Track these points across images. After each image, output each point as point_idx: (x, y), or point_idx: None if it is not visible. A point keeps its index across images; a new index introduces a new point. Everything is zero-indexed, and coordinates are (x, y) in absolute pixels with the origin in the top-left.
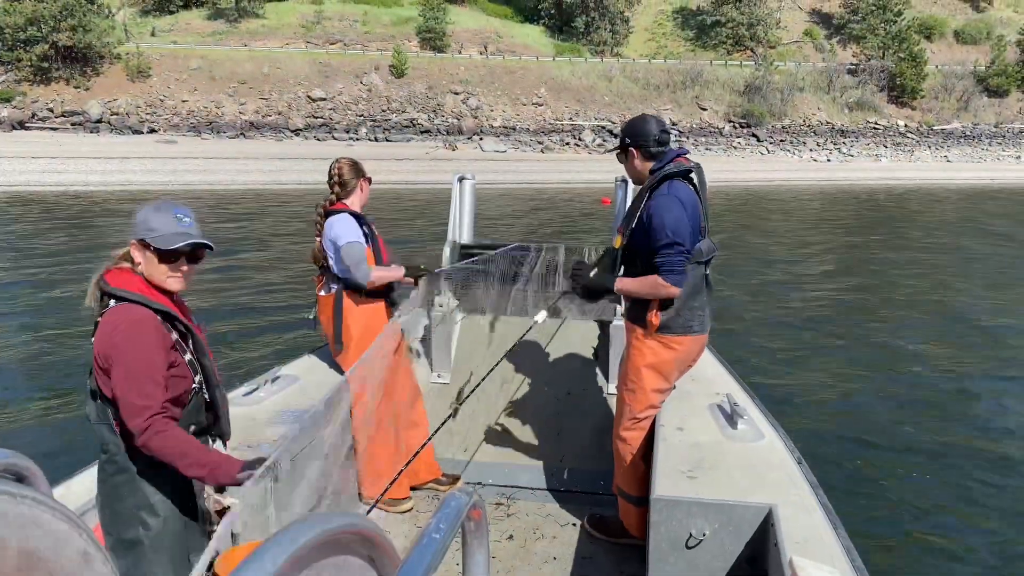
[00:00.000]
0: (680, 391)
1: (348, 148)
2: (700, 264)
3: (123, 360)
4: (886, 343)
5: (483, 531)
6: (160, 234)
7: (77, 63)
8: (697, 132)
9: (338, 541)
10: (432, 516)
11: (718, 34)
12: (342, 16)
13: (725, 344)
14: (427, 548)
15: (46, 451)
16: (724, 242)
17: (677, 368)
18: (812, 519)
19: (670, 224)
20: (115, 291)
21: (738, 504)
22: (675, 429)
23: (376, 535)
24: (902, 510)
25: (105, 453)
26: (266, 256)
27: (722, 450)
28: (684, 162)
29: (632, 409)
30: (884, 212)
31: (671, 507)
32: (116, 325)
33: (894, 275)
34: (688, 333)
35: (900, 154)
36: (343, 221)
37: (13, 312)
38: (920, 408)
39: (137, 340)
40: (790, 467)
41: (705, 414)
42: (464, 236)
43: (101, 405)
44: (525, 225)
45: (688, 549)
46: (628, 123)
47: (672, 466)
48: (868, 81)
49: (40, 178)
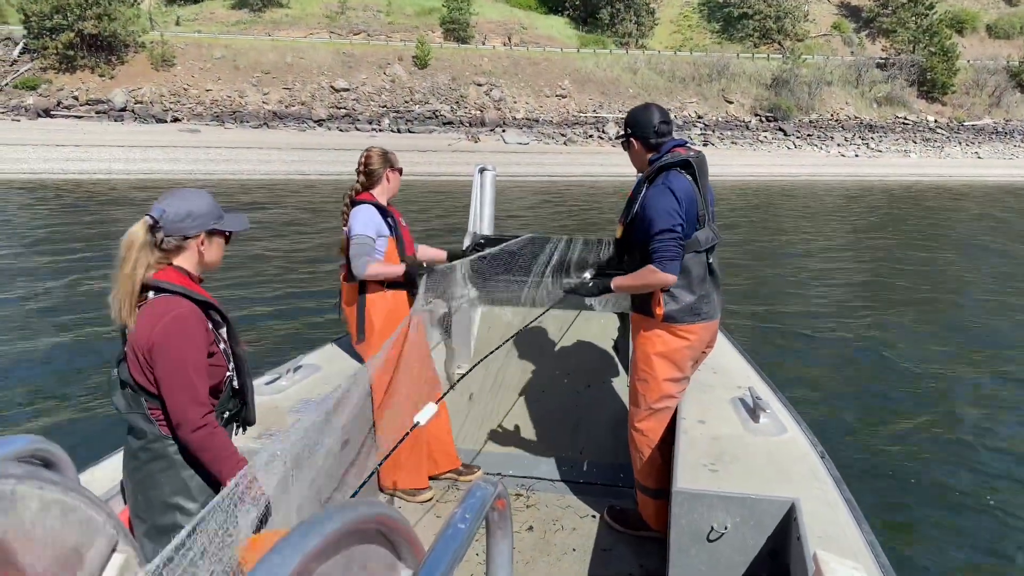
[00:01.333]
0: (701, 384)
1: (371, 139)
2: (700, 253)
3: (172, 354)
4: (913, 339)
5: (507, 522)
6: (224, 217)
7: (102, 51)
8: (723, 125)
9: (363, 530)
10: (457, 506)
11: (745, 26)
12: (366, 6)
13: (748, 337)
14: (453, 538)
15: (72, 436)
16: (748, 236)
17: (689, 356)
18: (835, 514)
19: (661, 214)
20: (157, 283)
21: (760, 498)
22: (696, 422)
23: (401, 525)
24: (927, 506)
25: (140, 440)
26: (287, 246)
27: (744, 443)
28: (682, 152)
29: (646, 399)
30: (912, 208)
31: (692, 500)
32: (161, 317)
33: (923, 271)
34: (697, 321)
35: (930, 150)
36: (361, 213)
37: (37, 300)
38: (945, 404)
39: (185, 334)
40: (813, 461)
41: (727, 407)
42: (485, 228)
43: (133, 394)
44: (547, 217)
45: (709, 542)
46: (631, 113)
47: (694, 459)
48: (898, 75)
49: (64, 166)
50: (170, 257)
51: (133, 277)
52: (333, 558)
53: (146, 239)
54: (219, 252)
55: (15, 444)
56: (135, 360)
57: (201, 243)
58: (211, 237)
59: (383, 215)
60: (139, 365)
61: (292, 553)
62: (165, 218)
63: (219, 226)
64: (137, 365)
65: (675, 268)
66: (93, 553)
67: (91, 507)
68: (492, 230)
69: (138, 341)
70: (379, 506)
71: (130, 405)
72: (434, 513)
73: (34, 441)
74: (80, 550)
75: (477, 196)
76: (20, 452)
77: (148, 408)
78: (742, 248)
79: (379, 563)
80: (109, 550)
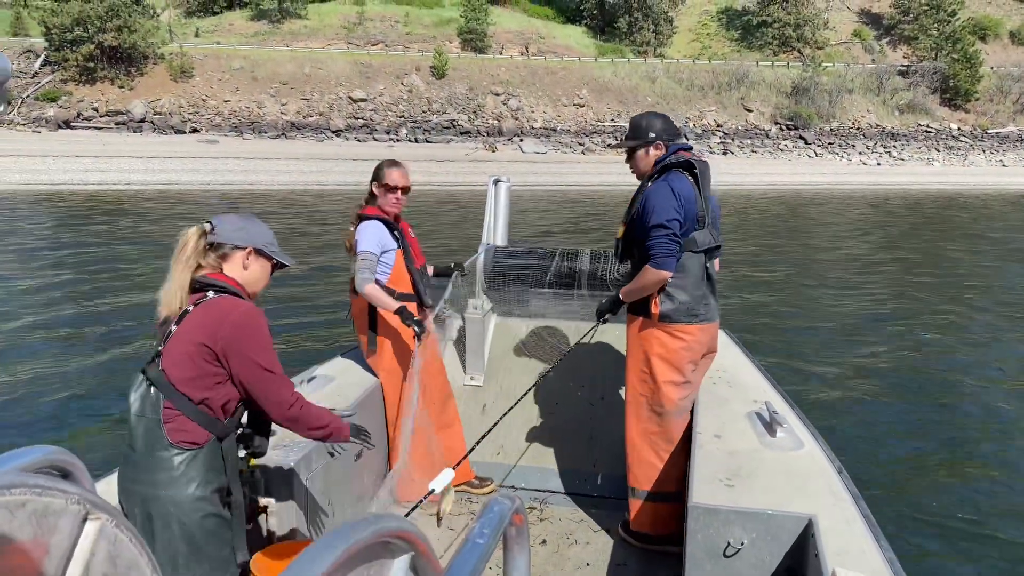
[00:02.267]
0: (718, 398)
1: (389, 149)
2: (699, 253)
3: (256, 342)
4: (937, 353)
5: (524, 537)
6: (276, 248)
7: (122, 63)
8: (743, 134)
9: (381, 545)
10: (474, 521)
11: (764, 35)
12: (383, 17)
13: (765, 350)
14: (471, 553)
15: (94, 447)
16: (770, 245)
17: (687, 358)
18: (853, 530)
19: (657, 208)
20: (214, 282)
21: (777, 513)
22: (713, 436)
23: (418, 539)
24: (947, 523)
25: (146, 449)
26: (299, 255)
27: (761, 458)
28: (686, 155)
29: (649, 401)
30: (938, 217)
31: (709, 515)
32: (230, 311)
33: (951, 283)
34: (694, 322)
35: (953, 158)
36: (365, 228)
37: (58, 310)
38: (968, 421)
39: (259, 323)
40: (830, 477)
41: (743, 421)
42: (499, 239)
43: (154, 395)
44: (564, 227)
45: (726, 558)
46: (653, 117)
47: (710, 473)
48: (920, 83)
49: (84, 176)
50: (220, 263)
51: (187, 272)
52: (352, 572)
53: (200, 240)
54: (263, 276)
55: (31, 455)
56: (183, 355)
57: (247, 256)
58: (257, 257)
59: (390, 228)
60: (187, 359)
61: (314, 567)
62: (220, 225)
63: (267, 249)
64: (184, 360)
65: (670, 264)
66: (58, 537)
67: (46, 494)
68: (506, 241)
69: (199, 336)
70: (397, 520)
71: (145, 408)
72: (447, 526)
73: (51, 452)
74: (40, 539)
75: (491, 207)
76: (36, 462)
77: (163, 411)
78: (762, 257)
79: None
80: (79, 524)
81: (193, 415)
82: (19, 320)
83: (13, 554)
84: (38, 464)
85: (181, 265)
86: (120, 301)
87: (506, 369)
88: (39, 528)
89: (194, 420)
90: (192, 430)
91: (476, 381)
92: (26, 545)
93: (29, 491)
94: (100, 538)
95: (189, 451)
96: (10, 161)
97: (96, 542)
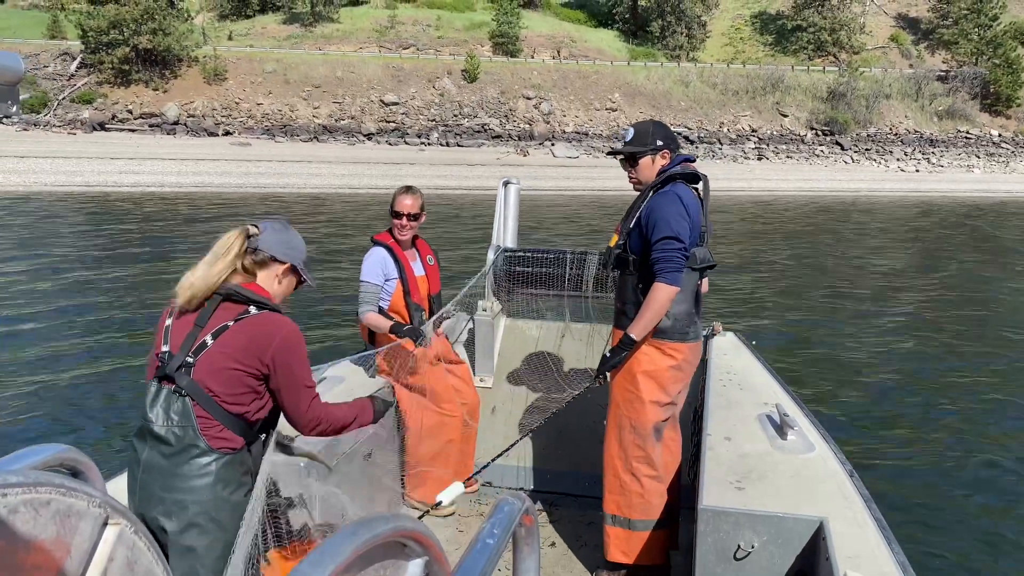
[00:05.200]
0: (728, 400)
1: (420, 153)
2: (695, 271)
3: (298, 360)
4: (955, 361)
5: (534, 538)
6: (306, 267)
7: (156, 66)
8: (777, 139)
9: (396, 545)
10: (484, 521)
11: (799, 39)
12: (415, 21)
13: (777, 353)
14: (481, 553)
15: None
16: (800, 252)
17: (673, 379)
18: (865, 534)
19: (668, 219)
20: (253, 295)
21: (788, 516)
22: (723, 439)
23: (429, 539)
24: (960, 527)
25: (181, 455)
26: (328, 257)
27: (771, 461)
28: (692, 167)
29: (632, 422)
30: (978, 226)
31: (719, 518)
32: (276, 331)
33: (978, 295)
34: (685, 340)
35: (994, 165)
36: (368, 258)
37: (79, 309)
38: (982, 427)
39: (302, 343)
40: (842, 480)
41: (754, 424)
42: (508, 240)
43: (185, 405)
44: (595, 231)
45: (736, 561)
46: (656, 127)
47: (720, 476)
48: (960, 88)
49: (118, 179)
50: (256, 269)
51: (225, 274)
52: (360, 572)
53: (243, 243)
54: (289, 292)
55: (44, 453)
56: (226, 371)
57: (283, 272)
58: (292, 275)
59: (395, 257)
60: (232, 378)
61: (321, 568)
62: (266, 232)
63: (301, 269)
64: (228, 378)
65: (679, 279)
66: (79, 539)
67: (70, 495)
68: (516, 242)
69: (246, 355)
70: (407, 520)
71: (173, 417)
72: (456, 527)
73: (63, 450)
74: (63, 540)
75: (501, 209)
76: (48, 461)
77: (198, 420)
78: (786, 263)
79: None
80: (99, 528)
81: (230, 424)
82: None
83: (36, 552)
84: (50, 462)
85: (222, 266)
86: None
87: (516, 371)
88: (62, 528)
89: (230, 428)
90: (230, 437)
91: (486, 383)
92: (49, 544)
93: (54, 490)
94: (119, 543)
95: (227, 455)
96: (46, 162)
97: (115, 547)
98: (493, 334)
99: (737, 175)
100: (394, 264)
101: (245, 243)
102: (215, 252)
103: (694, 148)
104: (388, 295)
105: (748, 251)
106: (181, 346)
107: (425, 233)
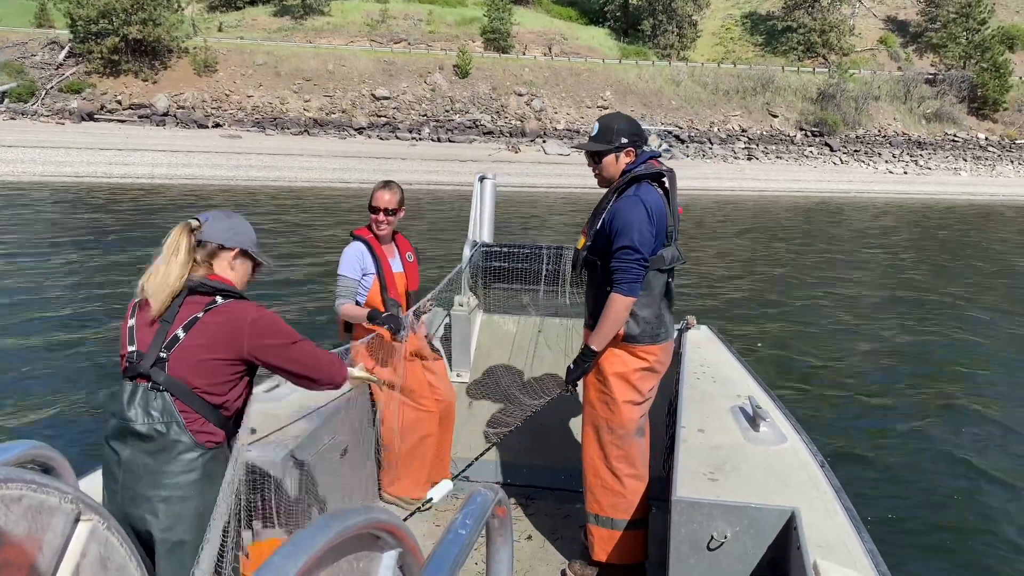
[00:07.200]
0: (701, 392)
1: (411, 148)
2: (664, 272)
3: (275, 333)
4: (918, 350)
5: (508, 529)
6: (258, 248)
7: (146, 56)
8: (767, 140)
9: (363, 537)
10: (457, 512)
11: (789, 40)
12: (407, 15)
13: (750, 346)
14: (453, 543)
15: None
16: (775, 249)
17: (646, 379)
18: (835, 523)
19: (629, 227)
20: (216, 284)
21: (760, 507)
22: (696, 431)
23: (402, 531)
24: (928, 515)
25: (166, 452)
26: (297, 252)
27: (744, 452)
28: (656, 165)
29: (608, 423)
30: (962, 229)
31: (692, 509)
32: (243, 318)
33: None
34: (656, 342)
35: (981, 168)
36: (346, 252)
37: (54, 303)
38: (950, 416)
39: (271, 316)
40: (813, 470)
41: (726, 416)
42: (484, 235)
43: (166, 402)
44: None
45: (709, 551)
46: (623, 120)
47: (693, 468)
48: (947, 91)
49: (107, 169)
50: (209, 260)
51: (185, 270)
52: (334, 564)
53: (189, 239)
54: (246, 277)
55: (15, 449)
56: (204, 363)
57: (234, 258)
58: (244, 259)
59: (372, 252)
60: (211, 368)
61: (293, 559)
62: (208, 224)
63: (252, 251)
64: (207, 369)
65: (636, 290)
66: (51, 535)
67: (41, 491)
68: (492, 238)
69: (221, 345)
70: (380, 512)
71: (153, 414)
72: (433, 521)
73: (34, 447)
74: (34, 536)
75: (477, 204)
76: (19, 457)
77: (181, 415)
78: (760, 258)
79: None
80: (71, 524)
81: (212, 416)
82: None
83: (7, 548)
84: (21, 459)
85: (178, 265)
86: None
87: (492, 365)
88: (33, 524)
89: (212, 421)
90: (213, 430)
91: (462, 378)
92: (20, 540)
93: (25, 486)
94: (91, 539)
95: (211, 450)
96: (34, 152)
97: (88, 543)
98: (470, 329)
99: (727, 175)
100: (372, 259)
101: (191, 238)
102: (165, 253)
103: (684, 147)
104: (365, 290)
105: (725, 247)
106: (152, 343)
107: (414, 227)
